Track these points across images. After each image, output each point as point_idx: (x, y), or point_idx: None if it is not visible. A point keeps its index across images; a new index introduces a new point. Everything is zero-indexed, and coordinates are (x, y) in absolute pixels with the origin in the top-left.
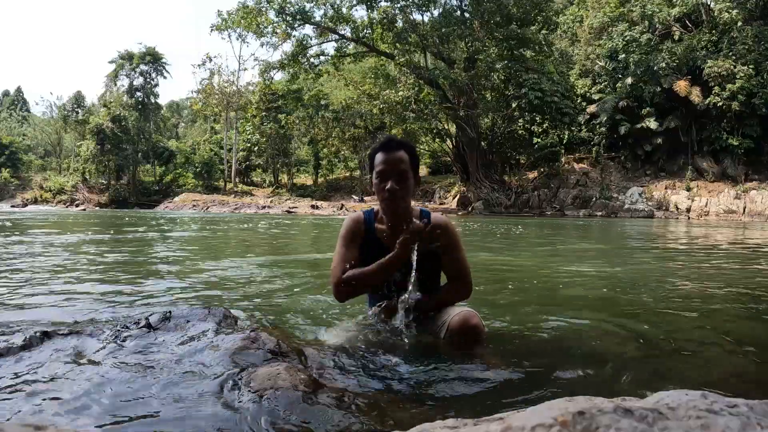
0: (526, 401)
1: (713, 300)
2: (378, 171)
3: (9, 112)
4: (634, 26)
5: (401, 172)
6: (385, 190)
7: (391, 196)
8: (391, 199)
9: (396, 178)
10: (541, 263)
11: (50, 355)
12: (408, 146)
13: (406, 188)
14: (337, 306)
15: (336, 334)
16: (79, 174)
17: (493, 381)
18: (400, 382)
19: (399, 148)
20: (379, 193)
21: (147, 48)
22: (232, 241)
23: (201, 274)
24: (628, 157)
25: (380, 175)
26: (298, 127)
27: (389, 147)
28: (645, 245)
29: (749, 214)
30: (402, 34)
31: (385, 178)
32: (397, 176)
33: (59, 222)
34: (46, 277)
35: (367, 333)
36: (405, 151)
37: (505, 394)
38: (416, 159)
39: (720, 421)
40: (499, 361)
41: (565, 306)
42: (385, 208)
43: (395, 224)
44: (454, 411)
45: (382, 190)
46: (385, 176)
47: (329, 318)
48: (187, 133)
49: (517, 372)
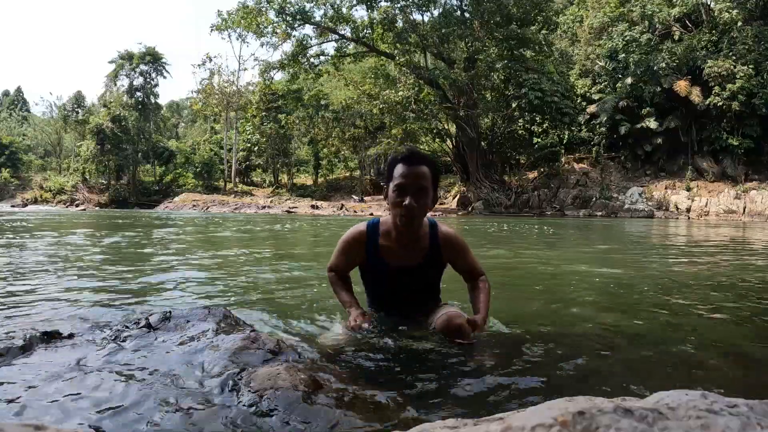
0: (526, 401)
1: (713, 300)
2: (397, 184)
3: (9, 112)
4: (634, 26)
5: (422, 188)
6: (402, 206)
7: (409, 213)
8: (407, 216)
9: (415, 194)
10: (541, 263)
11: (50, 356)
12: (430, 162)
13: (424, 205)
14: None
15: (336, 334)
16: (79, 174)
17: (493, 381)
18: (400, 382)
19: (421, 162)
20: (394, 206)
21: (147, 48)
22: (232, 242)
23: (201, 274)
24: (628, 157)
25: (398, 189)
26: (298, 127)
27: (411, 160)
28: (645, 245)
29: (749, 214)
30: (402, 34)
31: (403, 193)
32: (417, 192)
33: (59, 222)
34: (47, 277)
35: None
36: (427, 166)
37: (505, 394)
38: (438, 175)
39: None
40: (498, 361)
41: (565, 306)
42: (399, 223)
43: (404, 240)
44: (454, 411)
45: (398, 204)
46: (404, 191)
47: (329, 318)
48: (187, 133)
49: (517, 372)
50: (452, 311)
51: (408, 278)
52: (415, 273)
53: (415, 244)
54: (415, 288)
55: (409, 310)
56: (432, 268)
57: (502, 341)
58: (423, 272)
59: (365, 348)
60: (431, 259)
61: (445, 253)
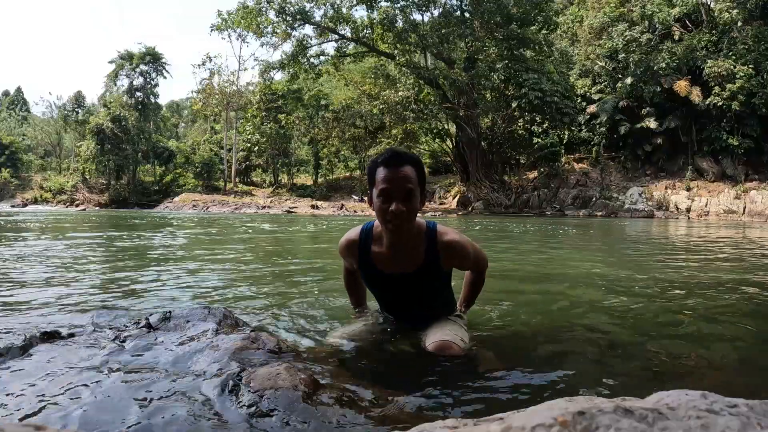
0: (526, 401)
1: (714, 300)
2: (381, 189)
3: (9, 112)
4: (634, 26)
5: (408, 191)
6: (389, 212)
7: (396, 219)
8: (394, 223)
9: (402, 198)
10: (541, 263)
11: (50, 356)
12: (413, 160)
13: (412, 208)
14: (338, 306)
15: (336, 335)
16: (79, 174)
17: (493, 381)
18: (401, 382)
19: (404, 162)
20: (380, 213)
21: (147, 48)
22: (232, 242)
23: (201, 274)
24: (628, 157)
25: (383, 194)
26: (298, 127)
27: (393, 162)
28: (645, 245)
29: (749, 214)
30: (402, 34)
31: (389, 199)
32: (403, 196)
33: (59, 222)
34: (47, 277)
35: (367, 333)
36: (411, 165)
37: (505, 394)
38: (423, 173)
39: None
40: (498, 361)
41: (566, 306)
42: (387, 230)
43: (396, 245)
44: (454, 411)
45: (384, 211)
46: (390, 196)
47: (329, 318)
48: (187, 133)
49: (517, 372)
50: (446, 338)
51: (404, 286)
52: (411, 281)
53: (410, 250)
54: (416, 295)
55: (416, 316)
56: (429, 275)
57: (502, 341)
58: (419, 280)
59: (365, 348)
60: (428, 267)
61: (446, 260)
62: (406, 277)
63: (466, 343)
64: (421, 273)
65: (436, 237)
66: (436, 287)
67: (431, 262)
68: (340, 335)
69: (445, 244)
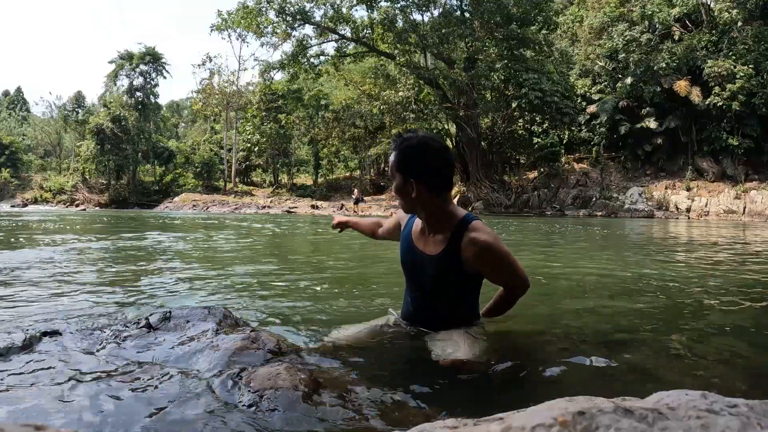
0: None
1: (714, 299)
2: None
3: (9, 112)
4: (634, 26)
5: (394, 179)
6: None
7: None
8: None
9: (394, 188)
10: (541, 262)
11: (50, 356)
12: (398, 146)
13: (403, 200)
14: (338, 306)
15: (337, 335)
16: (79, 174)
17: (493, 381)
18: (401, 382)
19: (391, 151)
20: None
21: (147, 48)
22: (232, 242)
23: (201, 274)
24: (628, 157)
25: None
26: (298, 127)
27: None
28: (645, 245)
29: (749, 214)
30: (402, 34)
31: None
32: (395, 186)
33: (59, 222)
34: (47, 277)
35: (367, 334)
36: (394, 152)
37: (505, 394)
38: (409, 158)
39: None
40: (499, 361)
41: (566, 305)
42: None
43: (428, 226)
44: (454, 411)
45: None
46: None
47: (330, 318)
48: (187, 133)
49: (517, 372)
50: (459, 354)
51: (423, 267)
52: (431, 264)
53: (437, 234)
54: (432, 282)
55: (428, 307)
56: (446, 264)
57: (502, 341)
58: (437, 264)
59: (366, 348)
60: (448, 255)
61: (467, 255)
62: (429, 260)
63: (477, 356)
64: (441, 258)
65: (466, 230)
66: (451, 282)
67: (452, 251)
68: (340, 335)
69: (470, 239)
